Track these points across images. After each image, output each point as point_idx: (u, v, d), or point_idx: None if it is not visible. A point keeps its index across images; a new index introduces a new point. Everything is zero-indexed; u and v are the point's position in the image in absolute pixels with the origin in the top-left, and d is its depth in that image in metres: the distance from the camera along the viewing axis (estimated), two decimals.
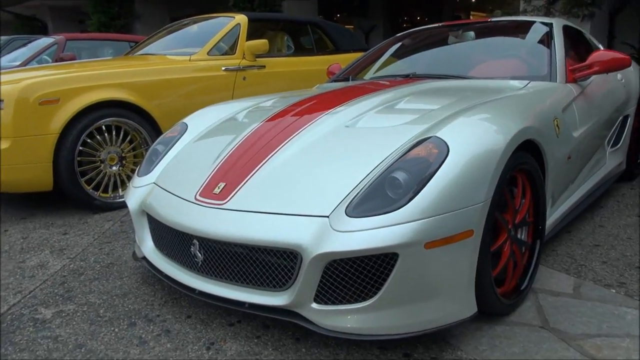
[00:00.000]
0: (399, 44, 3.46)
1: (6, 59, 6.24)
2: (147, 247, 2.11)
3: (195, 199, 1.85)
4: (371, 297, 1.51)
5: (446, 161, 1.55)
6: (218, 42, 4.16)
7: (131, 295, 2.14)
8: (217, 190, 1.82)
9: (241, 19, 4.34)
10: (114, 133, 3.46)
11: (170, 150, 2.32)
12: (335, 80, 3.26)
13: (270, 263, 1.63)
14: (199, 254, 1.79)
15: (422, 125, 1.82)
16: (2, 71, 3.88)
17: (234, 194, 1.77)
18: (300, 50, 5.06)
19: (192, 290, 1.82)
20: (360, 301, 1.52)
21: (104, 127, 3.39)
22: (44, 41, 6.06)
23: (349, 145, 1.84)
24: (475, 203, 1.54)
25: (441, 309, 1.56)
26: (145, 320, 1.92)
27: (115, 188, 3.52)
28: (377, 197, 1.54)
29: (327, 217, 1.55)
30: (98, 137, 3.38)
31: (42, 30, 15.12)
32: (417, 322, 1.54)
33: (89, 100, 3.27)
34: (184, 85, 3.80)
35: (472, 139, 1.63)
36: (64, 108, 3.19)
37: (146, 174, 2.24)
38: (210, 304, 1.87)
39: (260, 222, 1.64)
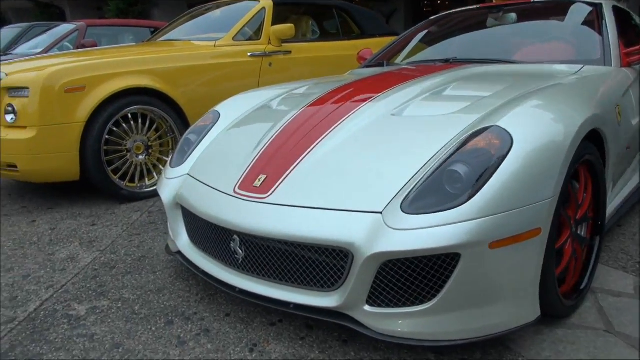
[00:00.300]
0: (434, 27, 3.30)
1: (27, 46, 6.19)
2: (182, 241, 2.03)
3: (235, 192, 1.75)
4: (429, 300, 1.40)
5: (510, 153, 1.42)
6: (243, 27, 4.03)
7: (166, 290, 2.07)
8: (257, 183, 1.72)
9: (266, 2, 4.21)
10: (140, 121, 3.38)
11: (203, 140, 2.23)
12: (368, 66, 3.13)
13: (318, 262, 1.53)
14: (240, 251, 1.70)
15: (475, 115, 1.69)
16: (25, 58, 3.81)
17: (276, 188, 1.67)
18: (325, 34, 4.91)
19: (232, 288, 1.73)
20: (417, 304, 1.42)
21: (129, 115, 3.31)
22: (64, 28, 5.99)
23: (398, 135, 1.72)
24: (543, 199, 1.42)
25: (503, 313, 1.45)
26: (183, 319, 1.84)
27: (141, 177, 3.45)
28: (435, 193, 1.42)
29: (380, 213, 1.44)
30: (124, 125, 3.30)
31: (60, 17, 15.12)
32: (477, 328, 1.43)
33: (115, 88, 3.19)
34: (209, 71, 3.69)
35: (537, 129, 1.50)
36: (90, 96, 3.11)
37: (179, 165, 2.15)
38: (250, 302, 1.79)
39: (306, 218, 1.53)
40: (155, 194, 3.44)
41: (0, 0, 16.02)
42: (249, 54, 3.93)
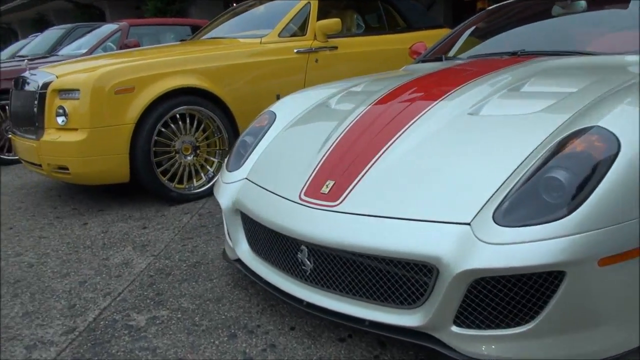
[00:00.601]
0: (492, 18, 3.12)
1: (70, 48, 6.27)
2: (242, 249, 1.94)
3: (300, 198, 1.65)
4: (527, 322, 1.27)
5: (619, 157, 1.26)
6: (288, 23, 3.93)
7: (225, 300, 1.99)
8: (325, 190, 1.61)
9: None
10: (187, 121, 3.32)
11: (261, 142, 2.13)
12: (424, 61, 2.98)
13: (397, 276, 1.41)
14: (308, 262, 1.59)
15: (565, 114, 1.53)
16: (73, 60, 3.82)
17: (347, 195, 1.55)
18: (370, 28, 4.77)
19: (299, 301, 1.63)
20: (513, 326, 1.28)
21: (177, 116, 3.26)
22: (107, 28, 6.04)
23: (479, 136, 1.57)
24: None
25: (608, 337, 1.29)
26: (246, 332, 1.75)
27: (189, 178, 3.40)
28: (531, 202, 1.28)
29: (469, 224, 1.31)
30: (172, 125, 3.25)
31: (100, 17, 15.40)
32: (579, 353, 1.28)
33: (164, 88, 3.14)
34: (256, 69, 3.61)
35: None
36: (139, 97, 3.07)
37: (236, 169, 2.07)
38: (316, 316, 1.68)
39: (384, 228, 1.41)
40: (203, 195, 3.38)
41: (42, 2, 16.45)
42: (295, 51, 3.83)
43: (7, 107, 4.95)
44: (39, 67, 3.57)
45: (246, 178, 1.99)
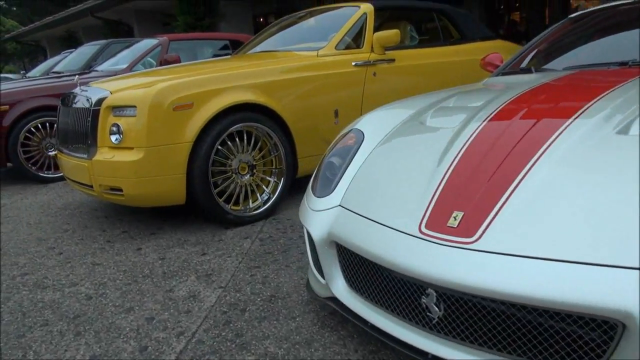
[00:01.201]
0: (578, 26, 2.87)
1: (109, 64, 6.18)
2: (339, 286, 1.71)
3: (421, 232, 1.41)
4: None
5: None
6: (345, 34, 3.73)
7: (316, 344, 1.75)
8: (453, 223, 1.37)
9: (367, 7, 3.90)
10: (245, 139, 3.13)
11: (351, 164, 1.90)
12: (507, 73, 2.74)
13: (558, 331, 1.16)
14: (436, 308, 1.35)
15: None
16: (122, 76, 3.67)
17: (485, 229, 1.31)
18: (424, 40, 4.55)
19: (421, 353, 1.39)
20: None
21: (234, 133, 3.06)
22: (147, 43, 5.93)
23: (637, 160, 1.32)
24: None
25: None
26: None
27: (244, 200, 3.19)
28: None
29: None
30: (229, 143, 3.06)
31: (128, 34, 15.53)
32: None
33: (223, 104, 2.95)
34: (313, 83, 3.41)
35: None
36: (198, 113, 2.89)
37: (327, 194, 1.84)
38: None
39: (542, 272, 1.17)
40: (259, 218, 3.17)
41: (71, 20, 16.68)
42: (353, 64, 3.62)
43: (47, 123, 4.85)
44: (90, 83, 3.42)
45: (340, 205, 1.76)
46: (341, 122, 3.56)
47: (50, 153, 4.94)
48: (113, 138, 2.90)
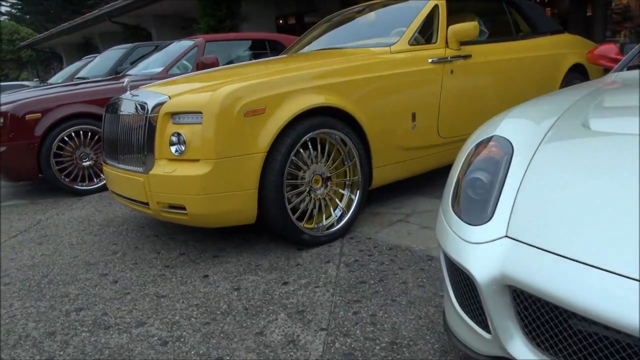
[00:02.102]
0: None
1: (140, 67, 5.84)
2: (517, 345, 1.31)
3: None
4: None
5: None
6: (418, 28, 3.34)
7: None
8: None
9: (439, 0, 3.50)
10: (318, 148, 2.74)
11: (507, 181, 1.51)
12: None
13: None
14: None
15: None
16: (172, 80, 3.30)
17: None
18: (493, 34, 4.14)
19: None
20: None
21: (308, 141, 2.68)
22: (181, 45, 5.58)
23: None
24: None
25: None
26: None
27: (312, 216, 2.81)
28: None
29: None
30: (303, 152, 2.68)
31: (147, 38, 15.28)
32: None
33: (298, 108, 2.57)
34: (390, 82, 3.02)
35: None
36: (271, 119, 2.51)
37: (483, 221, 1.44)
38: None
39: None
40: (335, 237, 2.78)
41: (88, 26, 16.47)
42: (429, 61, 3.23)
43: (81, 132, 4.51)
44: (140, 87, 3.05)
45: (508, 236, 1.36)
46: (418, 126, 3.16)
47: (84, 163, 4.60)
48: (173, 149, 2.53)
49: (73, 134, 4.50)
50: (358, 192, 2.91)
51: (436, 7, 3.46)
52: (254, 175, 2.48)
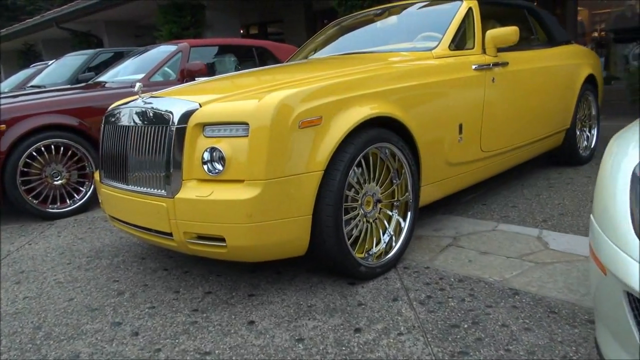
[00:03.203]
0: None
1: (110, 75, 5.25)
2: None
3: None
4: None
5: None
6: (455, 32, 3.05)
7: None
8: None
9: (472, 2, 3.23)
10: (371, 164, 2.37)
11: None
12: None
13: None
14: None
15: None
16: (193, 83, 2.84)
17: None
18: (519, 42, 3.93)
19: None
20: None
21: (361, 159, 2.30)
22: (162, 50, 5.04)
23: None
24: None
25: None
26: None
27: (359, 243, 2.42)
28: None
29: None
30: (355, 169, 2.29)
31: (98, 46, 14.37)
32: None
33: (357, 118, 2.19)
34: (439, 90, 2.70)
35: None
36: (328, 131, 2.11)
37: None
38: None
39: None
40: (388, 267, 2.40)
41: (34, 31, 15.33)
42: (473, 67, 2.94)
43: (52, 146, 3.91)
44: (152, 94, 2.56)
45: None
46: (464, 139, 2.85)
47: (56, 182, 3.99)
48: (207, 167, 2.08)
49: (43, 149, 3.89)
50: (409, 213, 2.55)
51: (470, 10, 3.19)
52: (309, 198, 2.07)
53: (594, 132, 4.49)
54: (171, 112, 2.16)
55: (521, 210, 3.19)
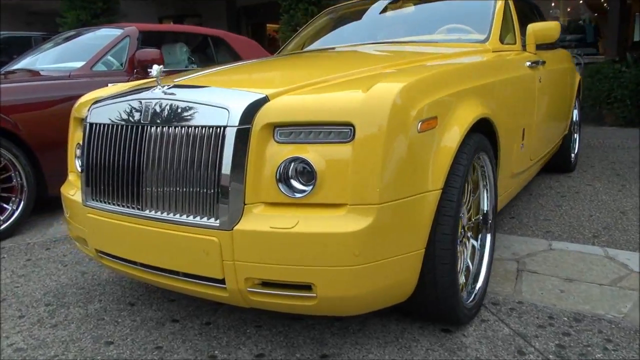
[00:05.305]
0: None
1: (27, 62, 4.23)
2: None
3: None
4: None
5: None
6: (501, 23, 2.67)
7: None
8: None
9: None
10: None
11: None
12: None
13: None
14: None
15: None
16: (214, 70, 2.16)
17: None
18: None
19: None
20: None
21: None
22: (103, 35, 4.13)
23: None
24: None
25: None
26: None
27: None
28: None
29: None
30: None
31: None
32: None
33: (469, 120, 1.70)
34: (512, 87, 2.31)
35: None
36: (444, 136, 1.60)
37: None
38: None
39: None
40: (477, 306, 1.94)
41: None
42: (527, 64, 2.58)
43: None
44: (175, 81, 1.84)
45: None
46: (525, 146, 2.48)
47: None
48: (284, 186, 1.47)
49: None
50: (488, 236, 2.10)
51: (507, 0, 2.84)
52: (425, 227, 1.54)
53: (577, 137, 4.42)
54: (226, 108, 1.51)
55: (557, 224, 2.91)
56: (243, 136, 1.48)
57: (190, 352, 1.75)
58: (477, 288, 1.98)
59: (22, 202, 3.18)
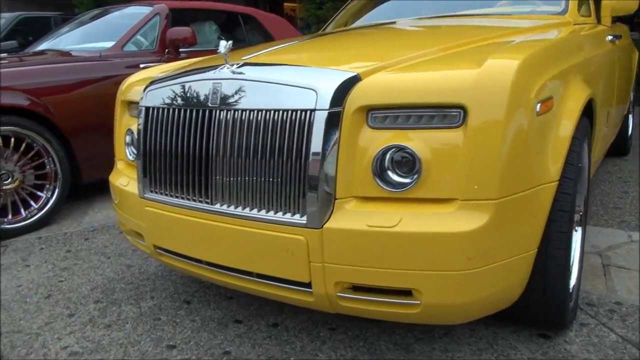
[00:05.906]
0: None
1: (52, 43, 4.05)
2: None
3: None
4: None
5: None
6: None
7: None
8: None
9: None
10: None
11: None
12: None
13: None
14: None
15: None
16: (273, 47, 1.96)
17: None
18: None
19: None
20: None
21: None
22: (132, 13, 3.93)
23: None
24: None
25: None
26: None
27: None
28: None
29: None
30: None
31: None
32: None
33: (581, 101, 1.49)
34: (605, 64, 2.09)
35: None
36: (558, 120, 1.39)
37: None
38: None
39: None
40: (574, 311, 1.75)
41: None
42: (608, 38, 2.35)
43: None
44: (238, 59, 1.65)
45: None
46: (607, 132, 2.27)
47: (6, 186, 2.87)
48: (381, 178, 1.28)
49: None
50: (579, 228, 1.91)
51: None
52: (540, 224, 1.34)
53: (631, 118, 4.17)
54: (314, 89, 1.31)
55: (630, 212, 2.70)
56: (334, 121, 1.29)
57: (263, 358, 1.59)
58: (571, 287, 1.79)
59: (57, 190, 3.03)
